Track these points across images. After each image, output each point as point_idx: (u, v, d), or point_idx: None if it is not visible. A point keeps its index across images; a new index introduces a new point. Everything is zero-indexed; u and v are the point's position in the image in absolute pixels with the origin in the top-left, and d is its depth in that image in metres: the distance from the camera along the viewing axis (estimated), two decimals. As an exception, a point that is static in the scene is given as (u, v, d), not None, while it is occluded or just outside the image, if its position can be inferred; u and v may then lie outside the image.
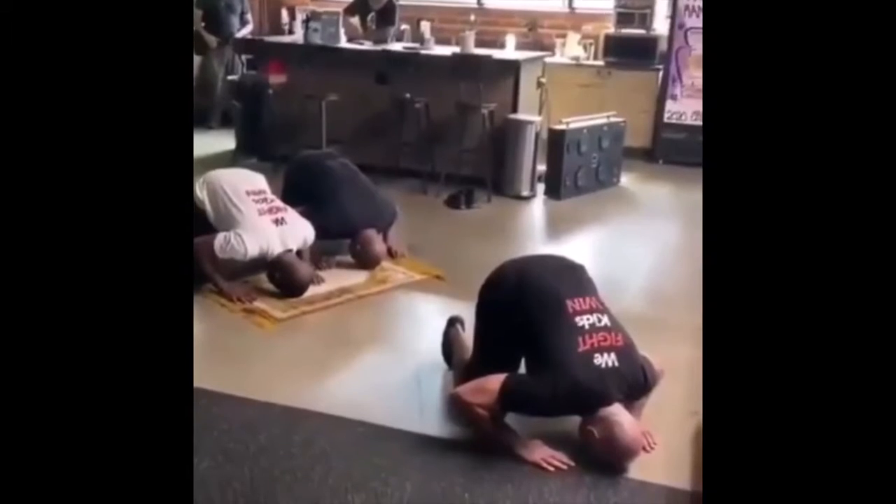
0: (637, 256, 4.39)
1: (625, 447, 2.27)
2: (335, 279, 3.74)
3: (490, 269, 2.68)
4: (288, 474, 2.25)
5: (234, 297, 3.43)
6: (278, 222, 3.53)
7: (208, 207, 3.56)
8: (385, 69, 5.65)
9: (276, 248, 3.48)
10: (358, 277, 3.80)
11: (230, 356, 3.02)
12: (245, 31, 7.21)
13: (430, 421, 2.60)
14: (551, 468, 2.31)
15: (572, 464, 2.33)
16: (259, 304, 3.42)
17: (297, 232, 3.59)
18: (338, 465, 2.31)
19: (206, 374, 2.81)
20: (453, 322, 2.97)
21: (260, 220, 3.50)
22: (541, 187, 5.53)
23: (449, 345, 2.92)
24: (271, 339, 3.17)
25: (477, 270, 2.80)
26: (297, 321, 3.32)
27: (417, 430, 2.52)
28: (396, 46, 5.93)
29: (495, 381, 2.31)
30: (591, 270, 2.77)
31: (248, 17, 7.31)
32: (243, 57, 7.08)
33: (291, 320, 3.32)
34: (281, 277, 3.51)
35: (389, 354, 3.11)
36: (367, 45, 5.90)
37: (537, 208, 5.34)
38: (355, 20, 6.34)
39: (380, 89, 5.67)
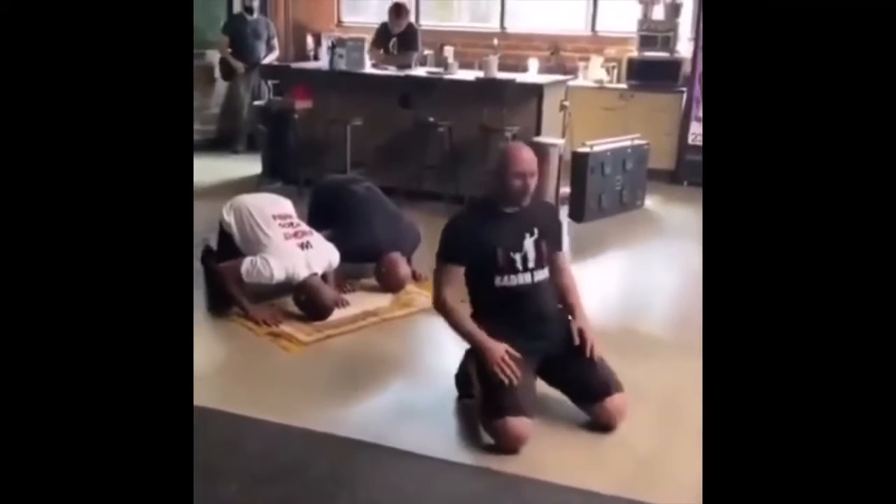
0: (662, 279, 4.35)
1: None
2: (360, 302, 3.75)
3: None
4: (313, 498, 2.25)
5: (259, 321, 3.45)
6: (304, 246, 3.56)
7: (235, 231, 3.60)
8: (409, 93, 5.70)
9: (302, 273, 3.50)
10: (382, 301, 3.81)
11: (255, 379, 3.04)
12: (271, 58, 7.32)
13: (454, 446, 2.58)
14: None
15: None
16: (285, 327, 3.44)
17: (322, 256, 3.61)
18: (362, 489, 2.31)
19: (232, 397, 2.83)
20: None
21: (286, 244, 3.53)
22: (564, 210, 5.52)
23: (465, 375, 2.90)
24: (296, 362, 3.19)
25: (501, 294, 2.79)
26: (322, 344, 3.34)
27: (442, 456, 2.51)
28: (420, 71, 5.99)
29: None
30: (617, 293, 2.75)
31: (275, 43, 7.42)
32: (269, 82, 7.18)
33: (316, 344, 3.34)
34: (306, 301, 3.53)
35: (414, 378, 3.10)
36: (391, 70, 5.97)
37: (561, 231, 5.33)
38: (381, 51, 6.42)
39: (403, 113, 5.72)
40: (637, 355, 3.27)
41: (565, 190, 5.49)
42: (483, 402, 2.61)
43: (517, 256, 2.65)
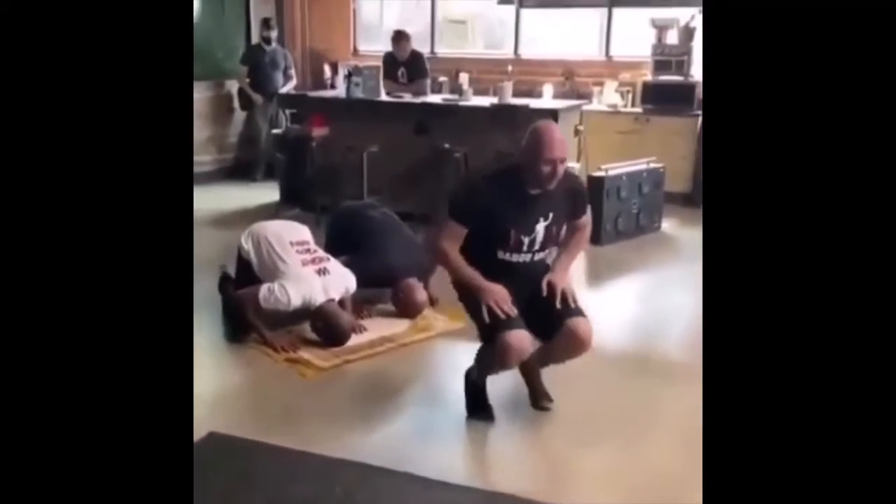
0: (679, 302, 4.32)
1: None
2: (377, 328, 3.76)
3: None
4: (331, 525, 2.24)
5: (277, 347, 3.47)
6: (321, 272, 3.58)
7: (253, 258, 3.63)
8: (424, 120, 5.75)
9: (319, 298, 3.52)
10: (399, 326, 3.81)
11: (273, 405, 3.04)
12: (289, 87, 7.42)
13: (472, 472, 2.57)
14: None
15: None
16: (302, 353, 3.45)
17: (339, 282, 3.63)
18: (380, 516, 2.29)
19: (250, 423, 2.83)
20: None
21: (303, 270, 3.55)
22: (581, 233, 5.51)
23: (474, 396, 2.91)
24: (314, 388, 3.19)
25: (518, 318, 2.78)
26: (339, 370, 3.34)
27: (460, 481, 2.49)
28: (435, 98, 6.04)
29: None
30: (634, 316, 2.74)
31: (292, 72, 7.53)
32: (287, 111, 7.28)
33: (334, 369, 3.34)
34: (324, 327, 3.54)
35: (431, 403, 3.09)
36: (407, 98, 6.03)
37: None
38: (391, 80, 6.49)
39: (419, 140, 5.77)
40: (655, 378, 3.24)
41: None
42: (483, 335, 2.68)
43: (526, 239, 2.66)
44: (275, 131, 7.17)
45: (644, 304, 4.37)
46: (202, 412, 2.96)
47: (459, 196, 2.74)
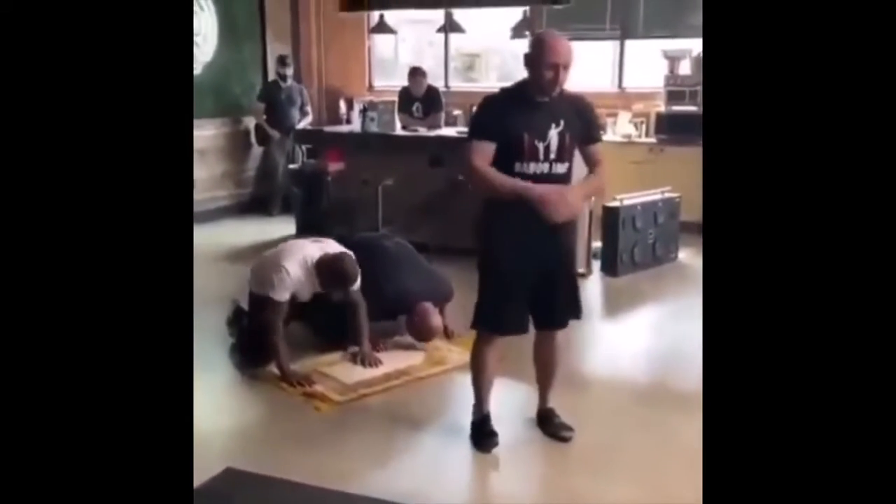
0: (697, 333, 4.27)
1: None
2: (392, 361, 3.74)
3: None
4: (346, 563, 2.21)
5: (294, 382, 3.45)
6: (316, 241, 3.79)
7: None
8: (439, 152, 5.79)
9: (315, 254, 3.61)
10: (415, 359, 3.79)
11: (288, 440, 3.02)
12: (305, 122, 7.51)
13: (490, 506, 2.53)
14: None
15: None
16: (318, 387, 3.44)
17: (335, 246, 3.77)
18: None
19: (265, 459, 2.82)
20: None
21: (296, 242, 3.83)
22: (596, 264, 5.49)
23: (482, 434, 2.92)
24: (330, 422, 3.17)
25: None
26: (355, 404, 3.32)
27: (477, 517, 2.46)
28: (450, 131, 6.09)
29: None
30: (652, 347, 2.72)
31: (308, 108, 7.63)
32: (303, 146, 7.36)
33: (350, 403, 3.32)
34: (336, 271, 3.61)
35: (448, 438, 3.06)
36: (422, 131, 6.08)
37: (594, 285, 5.29)
38: (406, 115, 6.57)
39: (434, 172, 5.80)
40: (672, 409, 3.20)
41: (597, 244, 5.48)
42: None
43: (541, 145, 2.64)
44: (291, 166, 7.24)
45: (661, 336, 4.32)
46: (218, 447, 2.95)
47: (477, 117, 2.77)
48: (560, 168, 2.69)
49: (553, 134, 2.65)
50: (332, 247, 3.76)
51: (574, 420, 2.99)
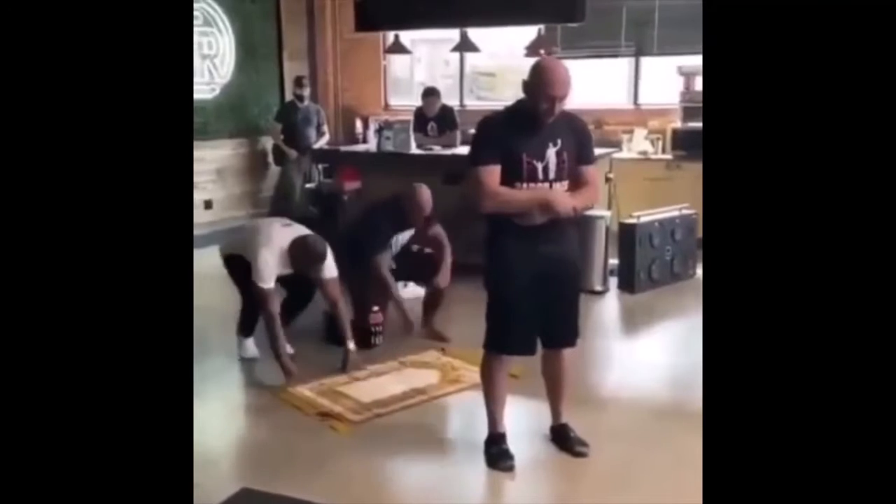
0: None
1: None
2: (408, 380, 3.73)
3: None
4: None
5: (287, 367, 3.66)
6: (287, 226, 3.95)
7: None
8: (454, 170, 5.79)
9: (288, 238, 3.79)
10: (430, 377, 3.78)
11: (304, 461, 3.01)
12: (322, 142, 7.57)
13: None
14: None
15: None
16: (334, 406, 3.44)
17: (303, 229, 3.92)
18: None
19: (282, 479, 2.81)
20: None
21: (272, 223, 4.05)
22: (613, 282, 5.46)
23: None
24: (346, 442, 3.16)
25: (550, 369, 2.74)
26: (371, 424, 3.31)
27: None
28: (465, 149, 6.09)
29: None
30: (670, 365, 2.69)
31: (325, 128, 7.69)
32: (320, 166, 7.41)
33: (366, 423, 3.31)
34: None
35: (464, 457, 3.04)
36: (437, 150, 6.10)
37: (611, 303, 5.26)
38: (421, 134, 6.61)
39: (449, 189, 5.81)
40: (689, 427, 3.15)
41: (614, 262, 5.45)
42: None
43: (539, 165, 2.67)
44: (308, 185, 7.29)
45: (679, 353, 4.28)
46: (234, 468, 2.96)
47: (478, 140, 2.79)
48: (557, 187, 2.72)
49: (551, 154, 2.69)
50: (300, 230, 3.93)
51: (591, 437, 2.96)
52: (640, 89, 7.27)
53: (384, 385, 3.69)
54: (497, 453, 2.87)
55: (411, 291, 4.82)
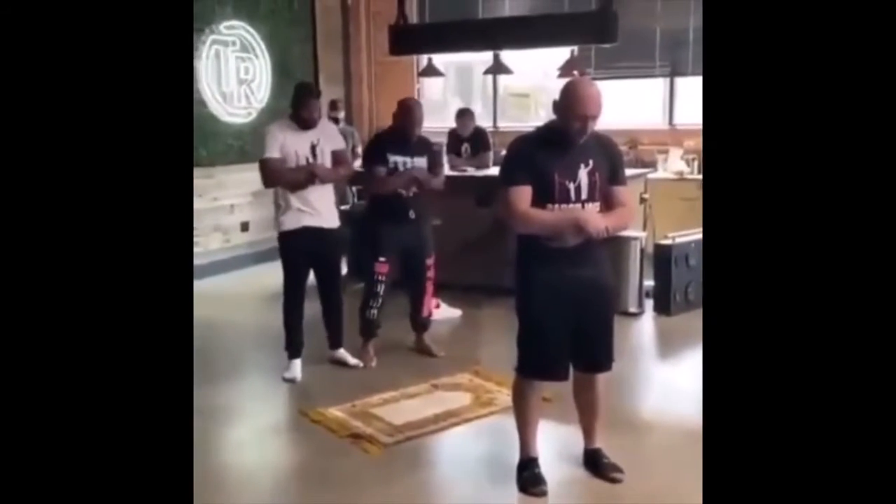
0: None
1: None
2: (440, 402, 3.71)
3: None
4: None
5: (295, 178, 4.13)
6: None
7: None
8: (486, 192, 5.80)
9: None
10: (462, 399, 3.76)
11: (336, 482, 3.01)
12: (356, 164, 7.62)
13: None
14: None
15: None
16: (366, 428, 3.43)
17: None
18: None
19: (311, 501, 2.80)
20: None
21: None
22: (649, 303, 5.39)
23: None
24: (378, 464, 3.15)
25: (584, 392, 2.71)
26: (403, 446, 3.29)
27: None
28: (497, 170, 6.10)
29: None
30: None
31: (359, 150, 7.75)
32: (353, 188, 7.46)
33: (397, 445, 3.30)
34: None
35: (497, 482, 3.00)
36: (470, 171, 6.11)
37: (647, 325, 5.19)
38: (454, 155, 6.63)
39: (482, 212, 5.81)
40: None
41: (649, 283, 5.38)
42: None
43: (571, 186, 2.65)
44: (342, 207, 7.34)
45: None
46: (267, 489, 2.95)
47: (509, 161, 2.79)
48: (590, 207, 2.70)
49: (583, 174, 2.67)
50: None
51: (626, 462, 2.90)
52: (675, 109, 7.22)
53: (416, 407, 3.68)
54: (529, 477, 2.84)
55: (444, 312, 4.82)
